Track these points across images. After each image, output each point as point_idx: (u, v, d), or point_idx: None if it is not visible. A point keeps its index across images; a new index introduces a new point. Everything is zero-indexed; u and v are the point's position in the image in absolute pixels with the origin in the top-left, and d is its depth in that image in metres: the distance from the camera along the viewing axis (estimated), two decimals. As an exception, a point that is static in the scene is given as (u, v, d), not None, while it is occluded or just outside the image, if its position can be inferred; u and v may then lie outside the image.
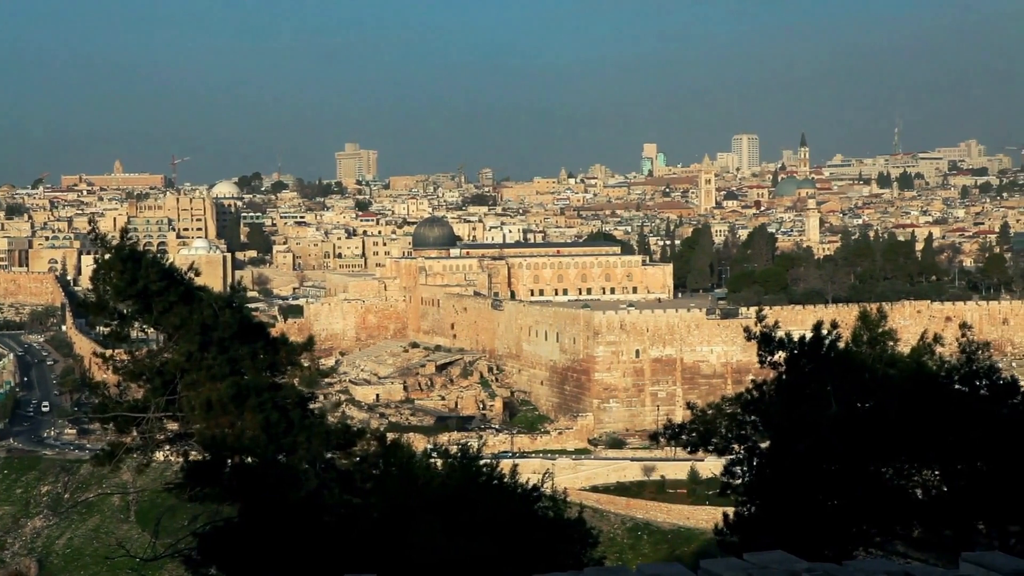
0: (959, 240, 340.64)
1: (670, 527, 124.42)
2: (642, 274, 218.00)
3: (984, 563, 13.86)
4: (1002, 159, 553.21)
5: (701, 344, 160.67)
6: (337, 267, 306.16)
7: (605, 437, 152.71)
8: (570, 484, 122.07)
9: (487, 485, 27.17)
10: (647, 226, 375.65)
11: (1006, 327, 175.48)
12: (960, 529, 28.86)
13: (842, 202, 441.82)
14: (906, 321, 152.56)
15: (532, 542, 25.20)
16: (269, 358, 26.82)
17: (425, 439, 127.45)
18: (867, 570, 13.89)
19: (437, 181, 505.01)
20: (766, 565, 14.09)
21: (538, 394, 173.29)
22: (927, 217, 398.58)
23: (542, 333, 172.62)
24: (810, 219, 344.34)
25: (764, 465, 30.78)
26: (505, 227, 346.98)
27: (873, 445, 28.82)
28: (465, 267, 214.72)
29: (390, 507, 24.52)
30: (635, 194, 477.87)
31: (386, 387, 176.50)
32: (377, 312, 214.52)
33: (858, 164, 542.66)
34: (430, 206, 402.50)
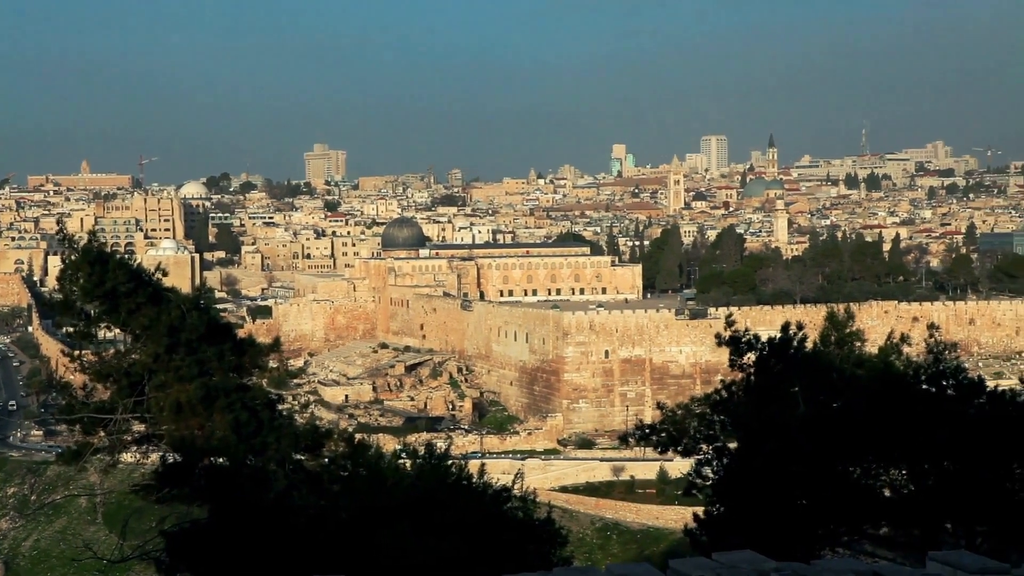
0: (926, 241, 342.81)
1: (639, 527, 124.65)
2: (611, 275, 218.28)
3: (951, 562, 13.94)
4: (968, 160, 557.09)
5: (670, 344, 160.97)
6: (306, 268, 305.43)
7: (574, 437, 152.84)
8: (539, 484, 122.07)
9: (456, 486, 27.15)
10: (616, 227, 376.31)
11: (972, 327, 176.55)
12: (927, 528, 29.01)
13: (810, 203, 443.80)
14: (873, 321, 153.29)
15: (501, 542, 25.19)
16: (237, 359, 26.72)
17: (394, 440, 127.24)
18: (835, 569, 13.94)
19: (406, 182, 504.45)
20: (735, 565, 14.13)
21: (507, 395, 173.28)
22: (894, 218, 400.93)
23: (511, 334, 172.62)
24: (778, 220, 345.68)
25: (733, 465, 30.86)
26: (474, 228, 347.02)
27: (841, 445, 28.94)
28: (434, 268, 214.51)
29: (359, 508, 24.46)
30: (604, 195, 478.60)
31: (355, 388, 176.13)
32: (346, 313, 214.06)
33: (826, 165, 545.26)
34: (399, 207, 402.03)
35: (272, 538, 22.95)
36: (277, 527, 23.13)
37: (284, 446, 25.39)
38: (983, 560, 14.09)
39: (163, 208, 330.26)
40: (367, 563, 22.42)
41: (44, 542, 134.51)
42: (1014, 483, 29.46)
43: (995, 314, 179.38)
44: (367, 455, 27.10)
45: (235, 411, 24.46)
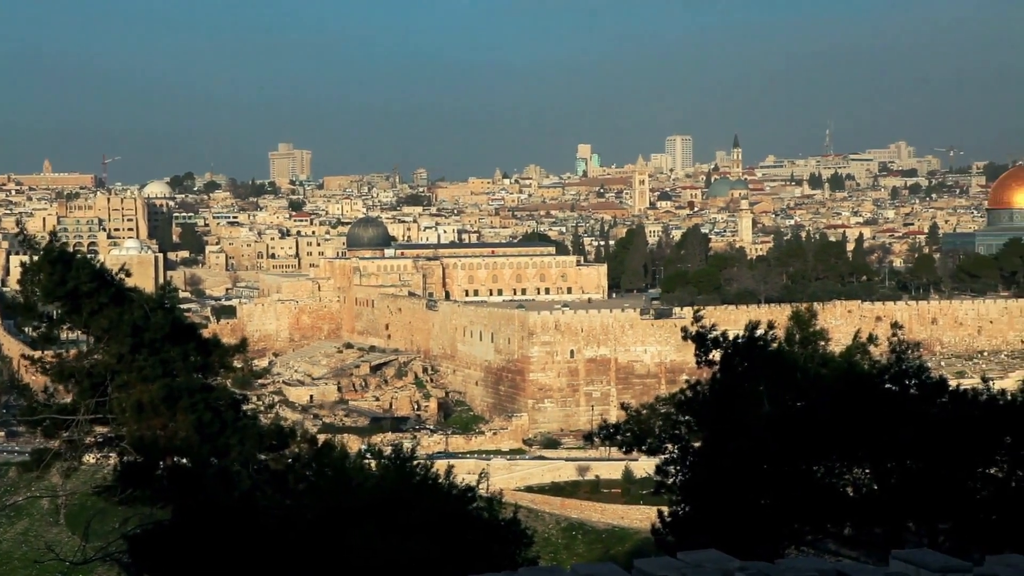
0: (889, 241, 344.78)
1: (604, 527, 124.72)
2: (576, 274, 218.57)
3: (914, 560, 14.00)
4: (931, 160, 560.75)
5: (635, 344, 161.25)
6: (270, 267, 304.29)
7: (540, 437, 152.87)
8: (505, 484, 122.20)
9: (421, 486, 27.12)
10: (581, 226, 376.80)
11: (935, 327, 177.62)
12: (891, 527, 29.16)
13: (774, 203, 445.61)
14: (837, 321, 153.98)
15: (466, 543, 25.17)
16: (201, 359, 26.62)
17: (359, 440, 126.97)
18: (799, 568, 13.98)
19: (371, 181, 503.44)
20: (700, 564, 14.15)
21: (473, 394, 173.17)
22: (858, 218, 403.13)
23: (477, 333, 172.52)
24: (743, 220, 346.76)
25: (698, 464, 30.94)
26: (440, 227, 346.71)
27: (805, 444, 29.06)
28: (399, 267, 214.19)
29: (324, 509, 24.40)
30: (569, 195, 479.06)
31: (320, 388, 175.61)
32: (311, 313, 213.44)
33: (790, 165, 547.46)
34: (364, 206, 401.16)
35: (236, 539, 22.85)
36: (241, 528, 23.04)
37: (248, 447, 25.30)
38: (946, 558, 14.16)
39: (126, 208, 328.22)
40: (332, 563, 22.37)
41: (6, 544, 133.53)
42: (976, 482, 29.67)
43: (957, 314, 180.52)
44: (332, 455, 27.06)
45: (198, 411, 24.36)
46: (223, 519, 23.12)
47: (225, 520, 23.10)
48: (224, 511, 23.30)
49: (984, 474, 29.83)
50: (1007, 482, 29.62)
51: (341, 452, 27.68)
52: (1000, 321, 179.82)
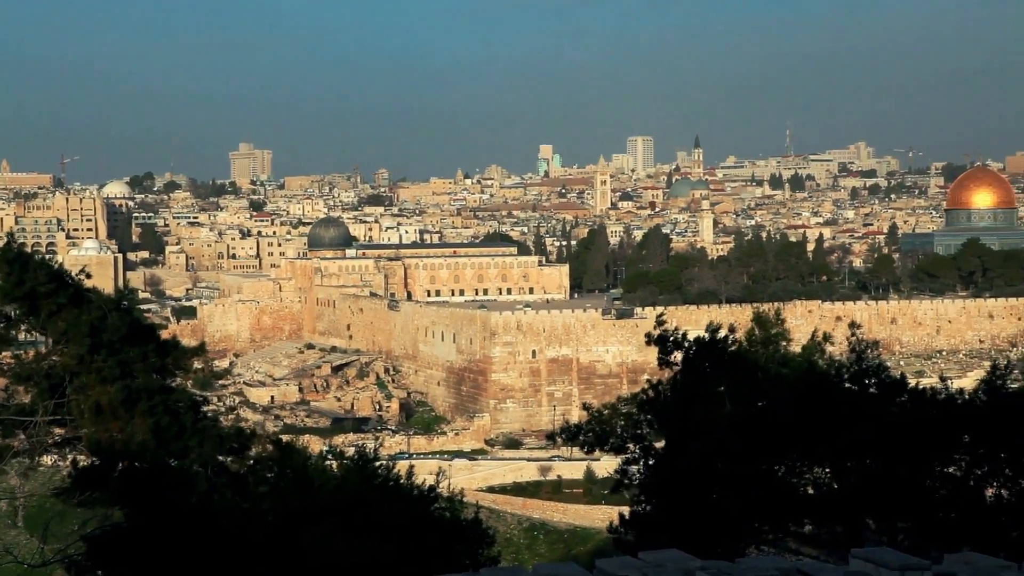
0: (849, 241, 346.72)
1: (566, 527, 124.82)
2: (538, 275, 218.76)
3: (873, 559, 14.07)
4: (890, 161, 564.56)
5: (597, 344, 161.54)
6: (231, 268, 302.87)
7: (502, 437, 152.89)
8: (467, 485, 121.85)
9: (383, 487, 27.05)
10: (543, 227, 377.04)
11: (894, 326, 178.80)
12: (850, 525, 29.33)
13: (735, 203, 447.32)
14: (798, 321, 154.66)
15: (428, 543, 25.13)
16: (160, 361, 26.44)
17: (321, 441, 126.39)
18: (760, 567, 14.03)
19: (333, 181, 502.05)
20: (661, 564, 14.17)
21: (435, 395, 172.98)
22: (818, 218, 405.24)
23: (439, 334, 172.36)
24: (704, 220, 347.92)
25: (659, 464, 31.02)
26: (401, 228, 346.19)
27: (766, 444, 29.19)
28: (361, 268, 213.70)
29: (285, 510, 24.30)
30: (531, 195, 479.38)
31: (281, 389, 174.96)
32: (272, 313, 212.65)
33: (751, 166, 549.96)
34: (325, 206, 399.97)
35: (195, 541, 22.73)
36: (200, 530, 22.91)
37: (208, 448, 25.16)
38: (904, 557, 14.24)
39: (85, 208, 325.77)
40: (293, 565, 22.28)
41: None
42: (935, 480, 29.87)
43: (916, 313, 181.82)
44: (293, 456, 26.94)
45: (157, 414, 24.20)
46: (182, 521, 22.99)
47: (184, 522, 22.97)
48: (183, 513, 23.17)
49: (942, 473, 30.04)
50: (965, 481, 29.85)
51: (302, 453, 27.57)
52: (958, 321, 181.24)
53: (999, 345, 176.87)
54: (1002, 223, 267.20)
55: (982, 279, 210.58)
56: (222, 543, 22.86)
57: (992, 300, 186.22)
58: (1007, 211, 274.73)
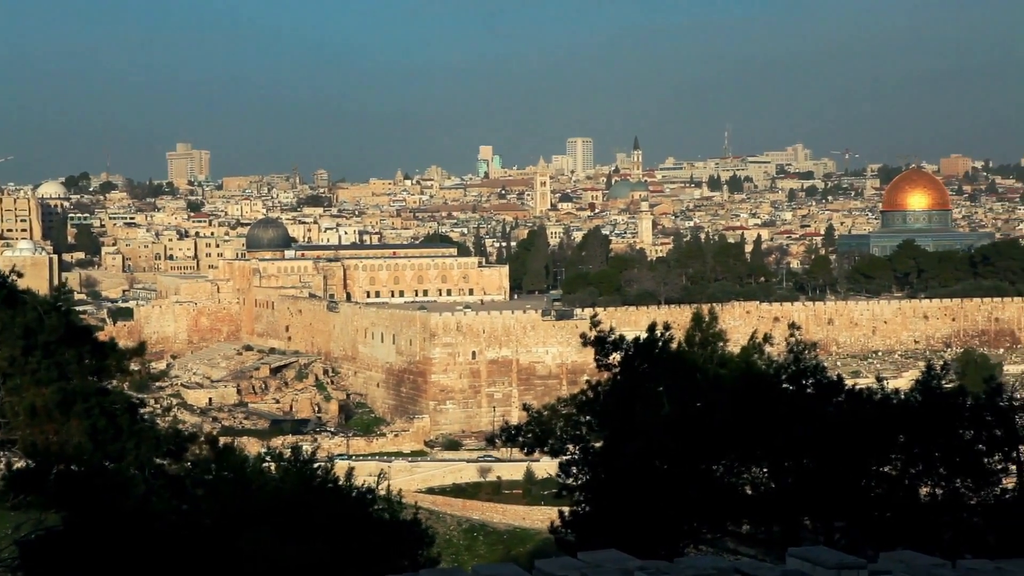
0: (786, 242, 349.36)
1: (506, 528, 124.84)
2: (478, 276, 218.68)
3: (810, 558, 14.18)
4: (827, 163, 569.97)
5: (537, 345, 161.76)
6: (168, 269, 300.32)
7: (441, 439, 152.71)
8: (406, 486, 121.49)
9: (322, 488, 26.97)
10: (483, 228, 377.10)
11: (831, 327, 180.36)
12: (787, 525, 29.54)
13: (674, 204, 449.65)
14: (736, 321, 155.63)
15: (367, 545, 25.08)
16: (96, 362, 26.19)
17: (259, 443, 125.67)
18: (698, 567, 14.09)
19: (271, 182, 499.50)
20: (599, 564, 14.21)
21: (374, 396, 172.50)
22: (756, 219, 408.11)
23: (378, 335, 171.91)
24: (643, 221, 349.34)
25: (598, 465, 31.08)
26: (341, 228, 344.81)
27: (704, 444, 29.32)
28: (300, 269, 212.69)
29: (223, 512, 24.15)
30: (471, 196, 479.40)
31: (219, 390, 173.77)
32: (210, 314, 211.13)
33: (690, 167, 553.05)
34: (264, 207, 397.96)
35: (132, 545, 22.52)
36: (137, 533, 22.71)
37: (144, 450, 24.95)
38: (841, 555, 14.37)
39: (19, 208, 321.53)
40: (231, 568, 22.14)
41: None
42: (871, 480, 30.15)
43: (853, 314, 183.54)
44: (231, 459, 26.78)
45: (93, 416, 23.97)
46: (118, 525, 22.77)
47: (120, 526, 22.76)
48: (119, 517, 22.95)
49: (878, 472, 30.33)
50: (900, 480, 30.14)
51: (240, 455, 27.41)
52: (894, 321, 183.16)
53: (934, 346, 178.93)
54: (936, 225, 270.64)
55: (917, 280, 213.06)
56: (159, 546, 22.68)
57: (927, 301, 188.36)
58: (941, 213, 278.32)
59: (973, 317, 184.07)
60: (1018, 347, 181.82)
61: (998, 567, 14.37)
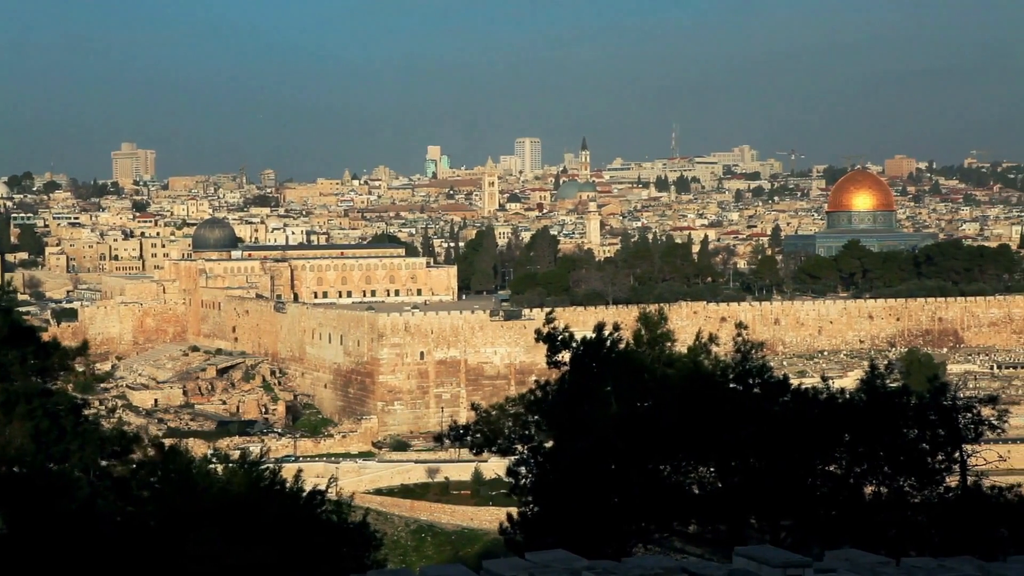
0: (733, 242, 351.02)
1: (454, 528, 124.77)
2: (426, 276, 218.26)
3: (756, 556, 14.26)
4: (773, 164, 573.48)
5: (485, 346, 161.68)
6: (113, 269, 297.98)
7: (389, 440, 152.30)
8: (354, 487, 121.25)
9: (269, 490, 26.83)
10: (431, 228, 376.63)
11: (778, 327, 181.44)
12: (734, 524, 29.68)
13: (622, 205, 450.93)
14: (683, 322, 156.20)
15: (314, 546, 24.97)
16: (40, 363, 25.95)
17: (205, 444, 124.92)
18: (645, 566, 14.13)
19: (218, 182, 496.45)
20: (547, 564, 14.22)
21: (322, 397, 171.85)
22: (703, 220, 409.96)
23: (325, 336, 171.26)
24: (591, 222, 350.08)
25: (547, 465, 31.11)
26: (288, 229, 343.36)
27: (652, 443, 29.41)
28: (247, 269, 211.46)
29: (168, 514, 23.97)
30: (419, 196, 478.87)
31: (165, 392, 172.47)
32: (155, 315, 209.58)
33: (637, 168, 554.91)
34: (210, 207, 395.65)
35: (77, 547, 22.32)
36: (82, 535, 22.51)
37: (89, 452, 24.74)
38: (787, 554, 14.45)
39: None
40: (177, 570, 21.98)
41: None
42: (816, 479, 30.37)
43: (799, 314, 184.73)
44: (177, 460, 26.59)
45: (36, 417, 23.74)
46: (62, 527, 22.56)
47: (64, 528, 22.55)
48: (63, 518, 22.74)
49: (824, 471, 30.55)
50: (845, 479, 30.38)
51: (186, 456, 27.22)
52: (839, 321, 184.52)
53: (878, 345, 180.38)
54: (881, 225, 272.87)
55: (862, 280, 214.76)
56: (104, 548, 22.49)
57: (872, 301, 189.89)
58: (886, 213, 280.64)
59: (917, 317, 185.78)
60: (961, 347, 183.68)
61: (941, 564, 14.50)
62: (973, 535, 28.22)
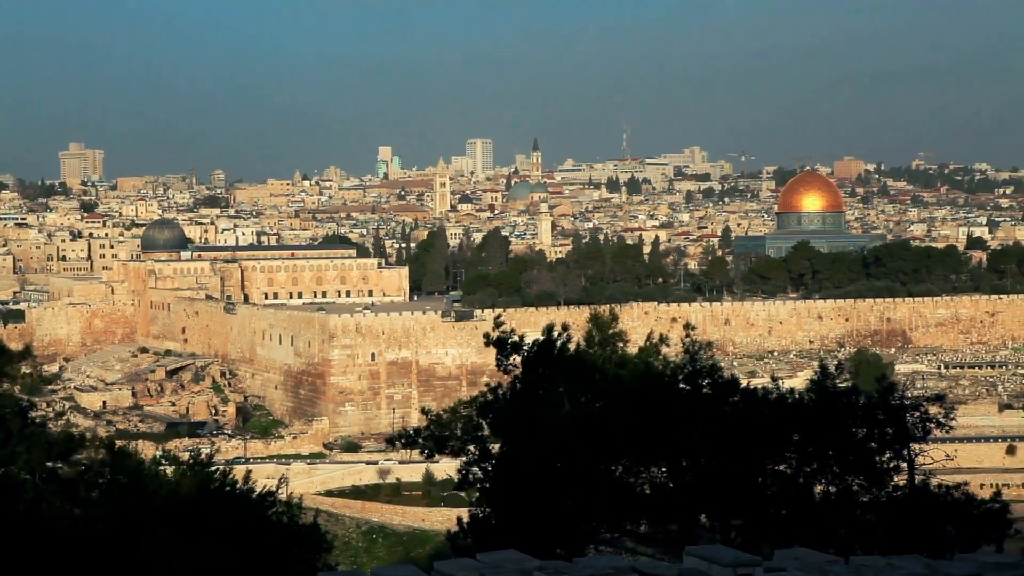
0: (684, 243, 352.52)
1: (405, 529, 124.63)
2: (378, 277, 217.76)
3: (706, 556, 14.32)
4: (724, 165, 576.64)
5: (436, 347, 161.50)
6: (61, 270, 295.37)
7: (340, 441, 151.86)
8: (305, 489, 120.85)
9: (219, 492, 26.68)
10: (383, 229, 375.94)
11: (728, 327, 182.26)
12: (685, 524, 29.79)
13: (573, 206, 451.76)
14: (634, 322, 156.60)
15: (265, 548, 24.86)
16: (-14, 365, 25.68)
17: (155, 446, 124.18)
18: (596, 567, 14.16)
19: (167, 182, 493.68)
20: (499, 565, 14.22)
21: (272, 399, 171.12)
22: (654, 221, 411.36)
23: (276, 337, 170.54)
24: (542, 223, 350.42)
25: (498, 466, 31.11)
26: (238, 229, 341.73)
27: (603, 444, 29.47)
28: (197, 270, 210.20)
29: (118, 516, 23.79)
30: (370, 197, 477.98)
31: (114, 393, 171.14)
32: (104, 316, 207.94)
33: (588, 169, 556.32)
34: (160, 208, 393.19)
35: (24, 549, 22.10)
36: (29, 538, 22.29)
37: (36, 454, 24.52)
38: (737, 553, 14.52)
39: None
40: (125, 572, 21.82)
41: None
42: (766, 478, 30.53)
43: (749, 314, 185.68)
44: (126, 462, 26.39)
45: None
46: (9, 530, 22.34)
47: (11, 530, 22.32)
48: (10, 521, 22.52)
49: (774, 471, 30.72)
50: (795, 478, 30.56)
51: (135, 458, 27.03)
52: (789, 322, 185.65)
53: (827, 345, 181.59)
54: (830, 226, 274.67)
55: (811, 281, 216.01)
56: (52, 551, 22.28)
57: (821, 302, 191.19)
58: (835, 214, 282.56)
59: (866, 317, 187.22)
60: (909, 347, 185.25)
61: (889, 563, 14.62)
62: (921, 533, 28.48)
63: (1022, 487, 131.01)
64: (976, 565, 14.46)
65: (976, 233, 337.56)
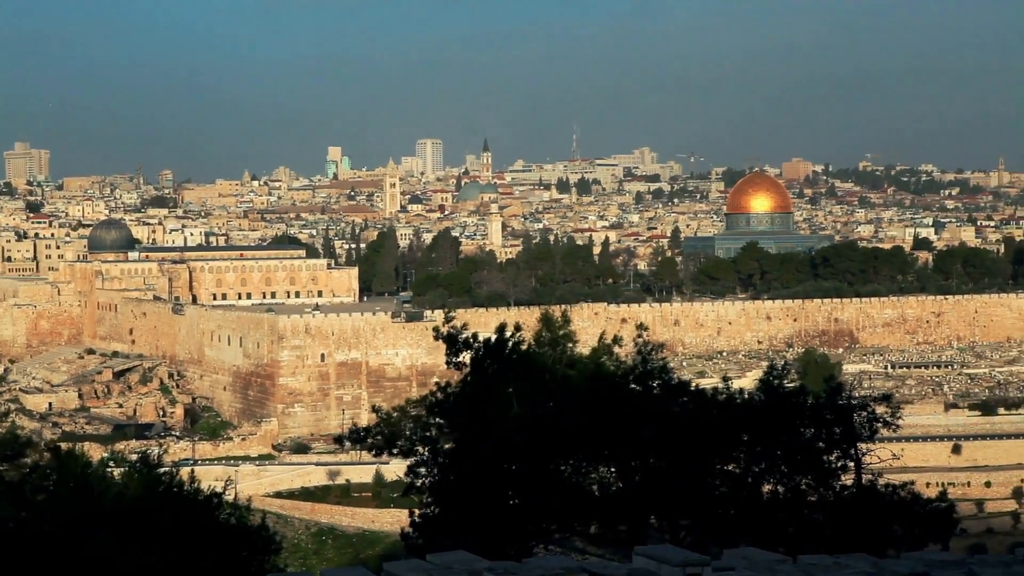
0: (634, 244, 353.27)
1: (355, 531, 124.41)
2: (327, 277, 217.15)
3: (656, 556, 14.37)
4: (673, 166, 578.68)
5: (386, 347, 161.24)
6: (6, 271, 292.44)
7: (290, 442, 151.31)
8: (254, 491, 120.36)
9: (166, 494, 26.51)
10: (332, 229, 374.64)
11: (678, 328, 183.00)
12: (634, 524, 29.88)
13: (523, 207, 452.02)
14: (585, 323, 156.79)
15: (213, 551, 24.72)
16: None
17: (102, 448, 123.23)
18: (546, 567, 14.18)
19: (114, 182, 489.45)
20: (448, 566, 14.21)
21: (221, 400, 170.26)
22: (604, 222, 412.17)
23: (225, 338, 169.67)
24: (493, 223, 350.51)
25: (448, 466, 31.09)
26: (186, 230, 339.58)
27: (553, 444, 29.52)
28: (144, 271, 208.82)
29: (64, 518, 23.59)
30: (320, 197, 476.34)
31: (60, 395, 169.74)
32: (50, 318, 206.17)
33: (539, 170, 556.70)
34: (107, 208, 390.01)
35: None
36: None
37: (-19, 457, 24.28)
38: (686, 553, 14.58)
39: None
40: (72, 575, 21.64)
41: None
42: (715, 478, 30.68)
43: (698, 315, 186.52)
44: (72, 464, 26.17)
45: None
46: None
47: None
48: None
49: (722, 470, 30.87)
50: (744, 478, 30.73)
51: (82, 460, 26.80)
52: (738, 322, 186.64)
53: (776, 346, 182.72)
54: (779, 227, 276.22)
55: (760, 281, 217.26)
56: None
57: (769, 302, 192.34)
58: (784, 215, 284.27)
59: (814, 318, 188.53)
60: (856, 347, 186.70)
61: (837, 562, 14.73)
62: (868, 532, 28.71)
63: (968, 486, 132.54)
64: (922, 563, 14.59)
65: (922, 234, 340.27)
